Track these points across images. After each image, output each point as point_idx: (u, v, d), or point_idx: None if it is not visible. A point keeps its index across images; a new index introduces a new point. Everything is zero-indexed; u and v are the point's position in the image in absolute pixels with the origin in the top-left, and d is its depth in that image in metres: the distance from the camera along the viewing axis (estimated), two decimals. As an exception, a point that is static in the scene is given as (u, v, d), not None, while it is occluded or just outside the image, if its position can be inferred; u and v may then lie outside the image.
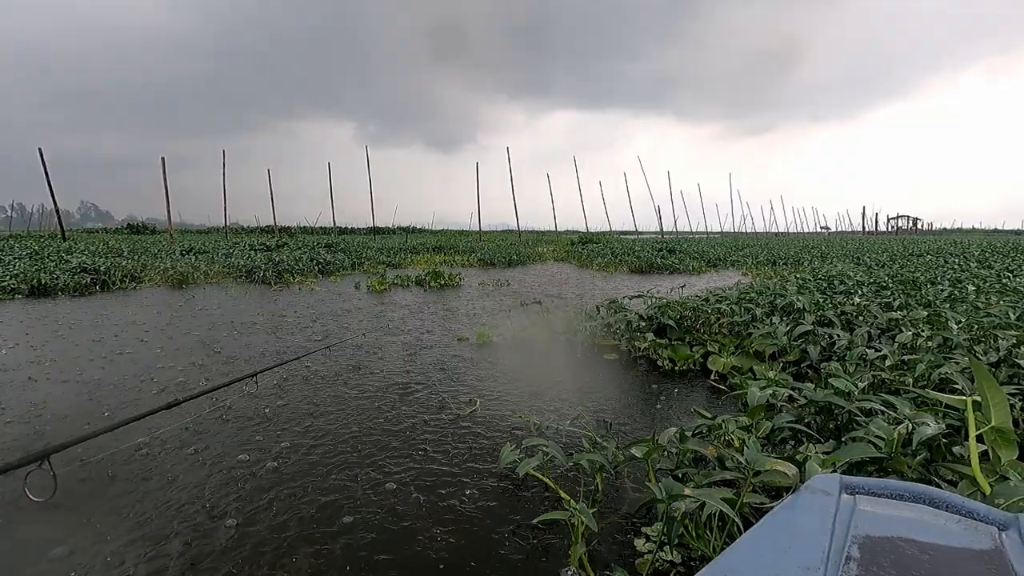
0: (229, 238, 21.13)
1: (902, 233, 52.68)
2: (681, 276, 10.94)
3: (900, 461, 1.63)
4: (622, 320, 4.46)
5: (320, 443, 2.52)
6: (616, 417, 2.88)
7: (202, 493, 2.05)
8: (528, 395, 3.25)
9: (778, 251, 16.21)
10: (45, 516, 1.82)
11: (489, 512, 1.93)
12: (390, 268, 12.32)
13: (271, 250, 14.48)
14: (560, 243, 22.01)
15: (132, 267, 9.69)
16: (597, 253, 15.40)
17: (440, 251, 17.35)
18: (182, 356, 4.16)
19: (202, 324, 5.51)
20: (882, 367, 2.75)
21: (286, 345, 4.55)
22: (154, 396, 3.21)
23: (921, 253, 13.29)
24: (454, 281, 9.19)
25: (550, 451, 1.96)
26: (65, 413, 2.92)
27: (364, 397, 3.19)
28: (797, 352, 3.55)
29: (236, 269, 10.31)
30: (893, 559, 0.68)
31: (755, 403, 2.11)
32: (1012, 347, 2.72)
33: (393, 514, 1.92)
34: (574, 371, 3.88)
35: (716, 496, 1.41)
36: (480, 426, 2.74)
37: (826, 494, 0.85)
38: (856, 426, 1.95)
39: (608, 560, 1.65)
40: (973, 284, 5.68)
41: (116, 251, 12.80)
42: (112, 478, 2.15)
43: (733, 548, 0.75)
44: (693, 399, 3.23)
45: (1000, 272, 7.48)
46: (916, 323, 3.56)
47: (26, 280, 7.86)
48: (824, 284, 6.08)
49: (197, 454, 2.40)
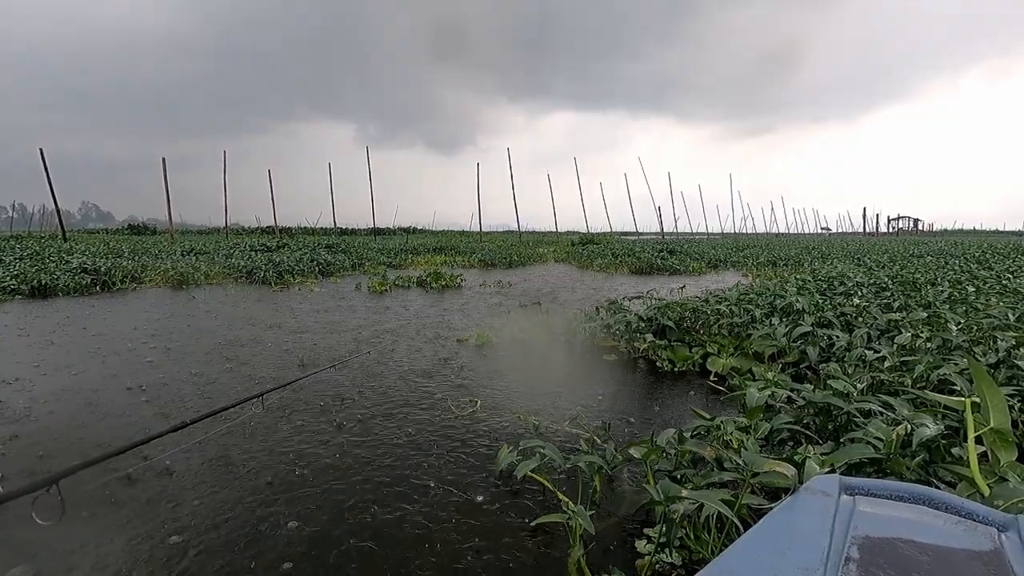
0: (230, 239, 21.14)
1: (903, 234, 52.67)
2: (681, 277, 10.94)
3: (899, 462, 1.63)
4: (622, 321, 4.46)
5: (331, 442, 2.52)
6: (615, 418, 2.88)
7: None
8: (527, 396, 3.24)
9: (778, 252, 16.21)
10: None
11: (487, 514, 1.93)
12: (391, 269, 12.32)
13: (271, 251, 14.48)
14: (561, 244, 22.02)
15: (133, 268, 9.70)
16: (597, 254, 15.40)
17: (441, 252, 17.35)
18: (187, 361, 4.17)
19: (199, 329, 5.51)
20: (881, 368, 2.74)
21: (284, 358, 4.54)
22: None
23: (921, 254, 13.29)
24: (455, 282, 9.18)
25: (548, 452, 1.95)
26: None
27: (360, 407, 3.19)
28: (796, 353, 3.54)
29: (236, 270, 10.31)
30: (892, 560, 0.67)
31: (754, 404, 2.11)
32: (1011, 348, 2.72)
33: (390, 513, 1.92)
34: (573, 372, 3.88)
35: (714, 497, 1.40)
36: (479, 426, 2.74)
37: (825, 495, 0.85)
38: (855, 427, 1.95)
39: (607, 562, 1.65)
40: (973, 285, 5.67)
41: (117, 252, 12.81)
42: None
43: (732, 549, 0.74)
44: (692, 400, 3.23)
45: (1000, 273, 7.47)
46: (915, 324, 3.55)
47: (27, 280, 7.86)
48: (824, 285, 6.08)
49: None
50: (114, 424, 2.79)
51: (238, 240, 19.71)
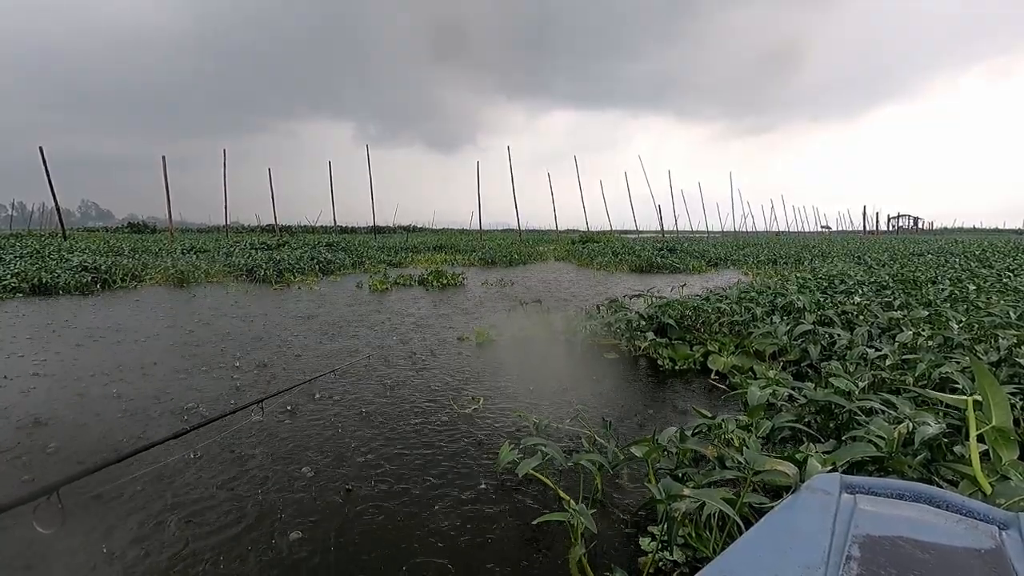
0: (230, 237, 21.12)
1: (903, 232, 52.60)
2: (682, 275, 10.93)
3: (900, 461, 1.63)
4: (622, 319, 4.46)
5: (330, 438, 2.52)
6: (616, 416, 2.88)
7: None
8: (528, 394, 3.25)
9: (779, 250, 16.20)
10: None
11: (487, 513, 1.93)
12: (391, 267, 12.31)
13: (272, 249, 14.47)
14: (561, 242, 22.01)
15: (133, 266, 9.70)
16: (598, 252, 15.39)
17: (441, 250, 17.34)
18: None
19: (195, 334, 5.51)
20: (882, 366, 2.74)
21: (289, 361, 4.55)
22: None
23: (921, 252, 13.28)
24: (457, 281, 9.15)
25: (549, 451, 1.95)
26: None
27: (366, 404, 3.20)
28: (797, 351, 3.54)
29: (237, 268, 10.30)
30: (894, 558, 0.67)
31: (755, 402, 2.11)
32: (1013, 346, 2.72)
33: (388, 512, 1.92)
34: (574, 370, 3.88)
35: (716, 496, 1.40)
36: (479, 425, 2.74)
37: (826, 494, 0.85)
38: (856, 425, 1.95)
39: (608, 561, 1.65)
40: (974, 284, 5.67)
41: (117, 250, 12.81)
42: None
43: (733, 548, 0.75)
44: (693, 398, 3.23)
45: (1001, 272, 7.47)
46: (917, 323, 3.55)
47: (27, 279, 7.86)
48: (825, 283, 6.08)
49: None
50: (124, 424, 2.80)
51: (238, 238, 19.70)
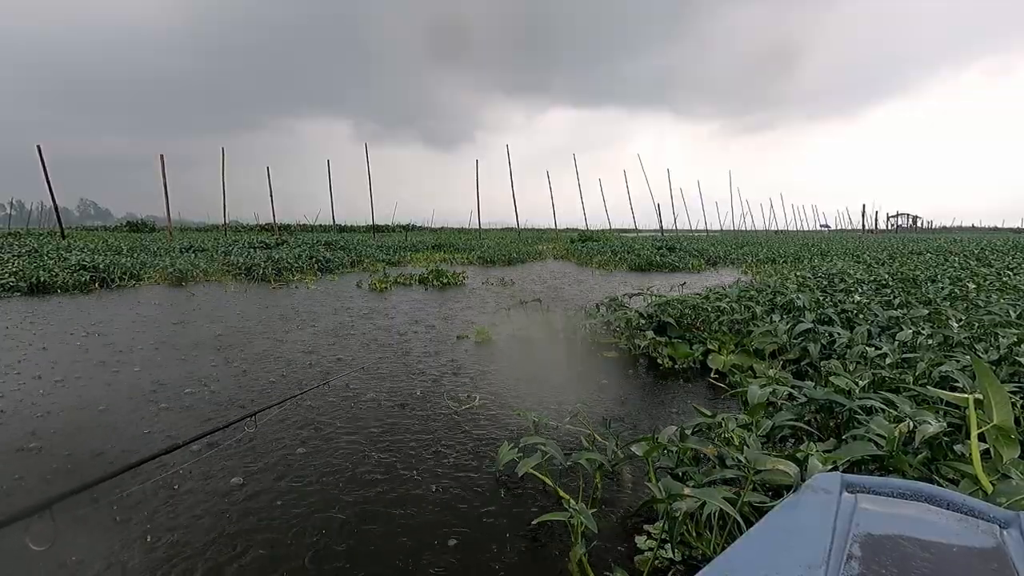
0: (228, 236, 21.10)
1: (902, 231, 52.65)
2: (681, 274, 10.94)
3: (901, 459, 1.62)
4: (622, 318, 4.46)
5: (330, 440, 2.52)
6: (616, 415, 2.88)
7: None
8: (527, 393, 3.24)
9: (778, 249, 16.21)
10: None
11: (487, 513, 1.93)
12: (390, 266, 12.30)
13: (270, 247, 14.46)
14: (560, 241, 22.01)
15: (132, 265, 9.69)
16: (597, 251, 15.40)
17: (440, 249, 17.34)
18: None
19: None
20: (883, 365, 2.74)
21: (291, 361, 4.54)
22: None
23: (921, 251, 13.29)
24: (457, 280, 9.11)
25: (548, 450, 1.95)
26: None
27: (360, 409, 3.20)
28: (797, 350, 3.54)
29: (235, 267, 10.29)
30: (894, 557, 0.67)
31: (755, 401, 2.11)
32: (1013, 345, 2.72)
33: (388, 512, 1.92)
34: (574, 369, 3.88)
35: (716, 495, 1.40)
36: (478, 423, 2.74)
37: (827, 493, 0.84)
38: (857, 424, 1.95)
39: (608, 560, 1.65)
40: (973, 282, 5.67)
41: (115, 249, 12.79)
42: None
43: (734, 547, 0.74)
44: (693, 397, 3.23)
45: (1000, 270, 7.47)
46: (916, 321, 3.55)
47: (25, 278, 7.85)
48: (824, 282, 6.08)
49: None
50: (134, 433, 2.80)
51: (237, 237, 19.69)
